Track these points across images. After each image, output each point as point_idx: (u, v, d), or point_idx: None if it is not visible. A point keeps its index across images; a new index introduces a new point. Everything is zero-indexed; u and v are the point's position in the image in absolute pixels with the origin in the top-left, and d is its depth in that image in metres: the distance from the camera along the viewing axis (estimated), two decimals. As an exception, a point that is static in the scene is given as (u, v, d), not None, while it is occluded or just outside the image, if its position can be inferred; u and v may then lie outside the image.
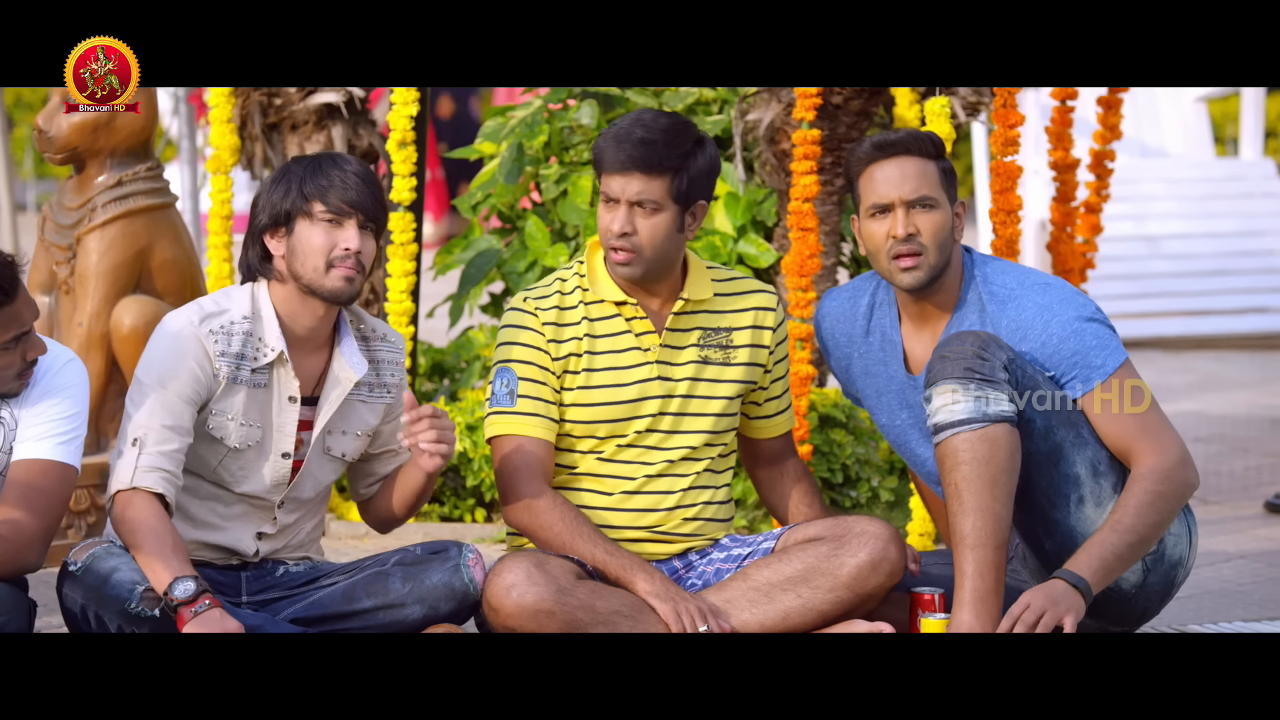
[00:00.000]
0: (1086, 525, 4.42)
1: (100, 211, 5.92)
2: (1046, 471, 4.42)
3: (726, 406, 4.61)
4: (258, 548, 4.52)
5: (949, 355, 4.34)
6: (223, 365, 4.38)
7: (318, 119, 6.60)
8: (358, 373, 4.49)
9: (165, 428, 4.33)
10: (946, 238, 4.51)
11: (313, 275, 4.39)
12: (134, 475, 4.29)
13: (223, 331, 4.40)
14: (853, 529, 4.49)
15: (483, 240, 6.79)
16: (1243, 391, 9.14)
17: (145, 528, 4.24)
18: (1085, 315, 4.45)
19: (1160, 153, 12.59)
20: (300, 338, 4.47)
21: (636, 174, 4.45)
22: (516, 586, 4.33)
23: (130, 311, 5.89)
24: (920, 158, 4.51)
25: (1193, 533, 4.54)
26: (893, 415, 4.66)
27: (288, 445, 4.46)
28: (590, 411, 4.55)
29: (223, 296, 4.47)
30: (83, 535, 5.80)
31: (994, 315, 4.49)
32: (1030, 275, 4.56)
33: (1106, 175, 6.37)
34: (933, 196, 4.50)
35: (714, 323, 4.61)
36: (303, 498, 4.55)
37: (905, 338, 4.62)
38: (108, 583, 4.30)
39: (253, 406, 4.43)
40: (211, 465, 4.44)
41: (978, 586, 4.27)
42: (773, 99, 6.36)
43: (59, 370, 4.39)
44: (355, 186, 4.39)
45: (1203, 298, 11.53)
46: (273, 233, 4.42)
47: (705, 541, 4.65)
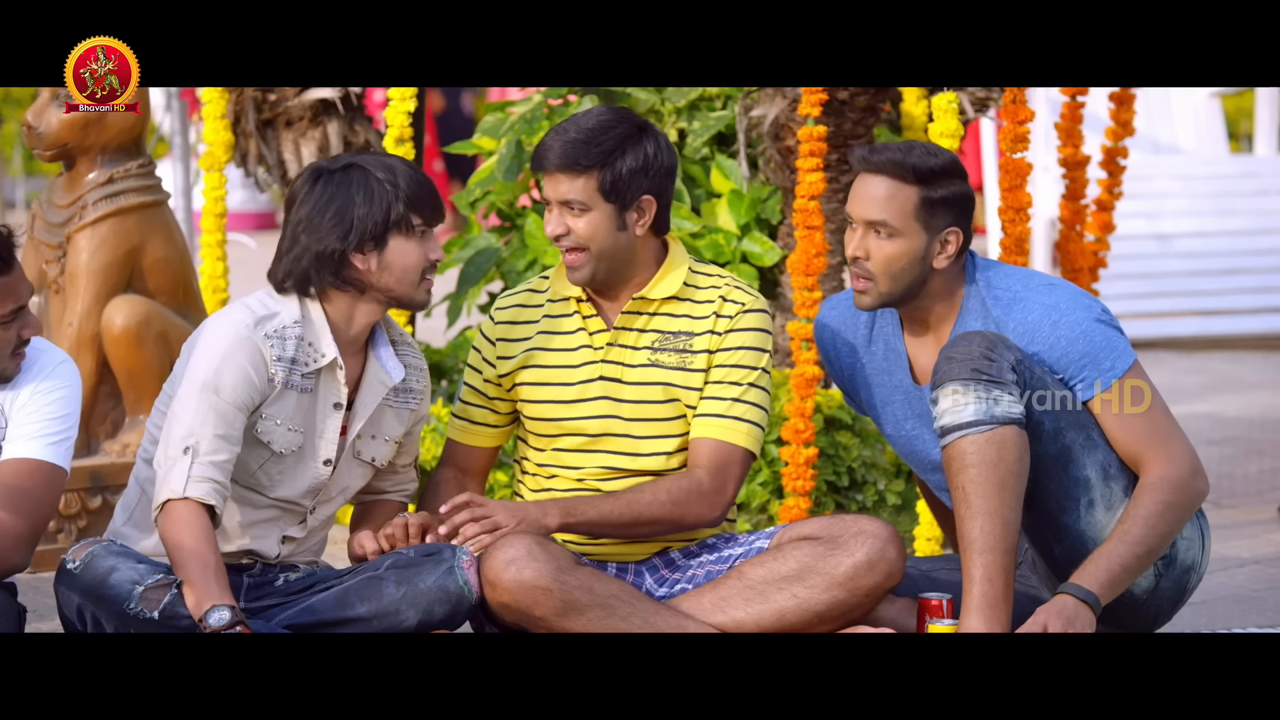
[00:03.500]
0: (1096, 529, 4.39)
1: (91, 209, 5.92)
2: (1056, 474, 4.38)
3: (682, 412, 4.54)
4: (280, 550, 4.52)
5: (955, 356, 4.30)
6: (278, 370, 4.37)
7: (313, 115, 6.65)
8: (395, 378, 4.51)
9: (218, 436, 4.31)
10: (904, 267, 4.43)
11: (407, 289, 4.41)
12: (186, 485, 4.27)
13: (277, 335, 4.38)
14: (850, 528, 4.46)
15: (481, 239, 6.79)
16: (1257, 393, 9.13)
17: (190, 545, 4.23)
18: (1093, 316, 4.41)
19: (1173, 149, 12.60)
20: (346, 343, 4.46)
21: (560, 174, 4.47)
22: (516, 561, 4.33)
23: (121, 311, 5.89)
24: (896, 181, 4.43)
25: (1205, 537, 4.50)
26: (899, 425, 4.62)
27: (330, 451, 4.46)
28: (540, 409, 4.58)
29: (269, 299, 4.43)
30: (73, 540, 5.80)
31: (999, 319, 4.45)
32: (1035, 277, 4.52)
33: (1118, 172, 6.35)
34: (892, 224, 4.42)
35: (673, 325, 4.55)
36: (332, 502, 4.56)
37: (909, 346, 4.57)
38: (106, 583, 4.28)
39: (299, 412, 4.42)
40: (251, 469, 4.43)
41: (986, 592, 4.25)
42: (777, 95, 6.35)
43: (52, 370, 4.37)
44: (434, 193, 4.41)
45: (1216, 297, 11.54)
46: (362, 249, 4.37)
47: (684, 540, 4.61)
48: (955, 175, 4.46)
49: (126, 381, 5.91)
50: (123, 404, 5.96)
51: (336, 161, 4.43)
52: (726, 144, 6.65)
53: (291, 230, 4.41)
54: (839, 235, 6.31)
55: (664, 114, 6.68)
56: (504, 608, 4.37)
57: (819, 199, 5.77)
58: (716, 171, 6.57)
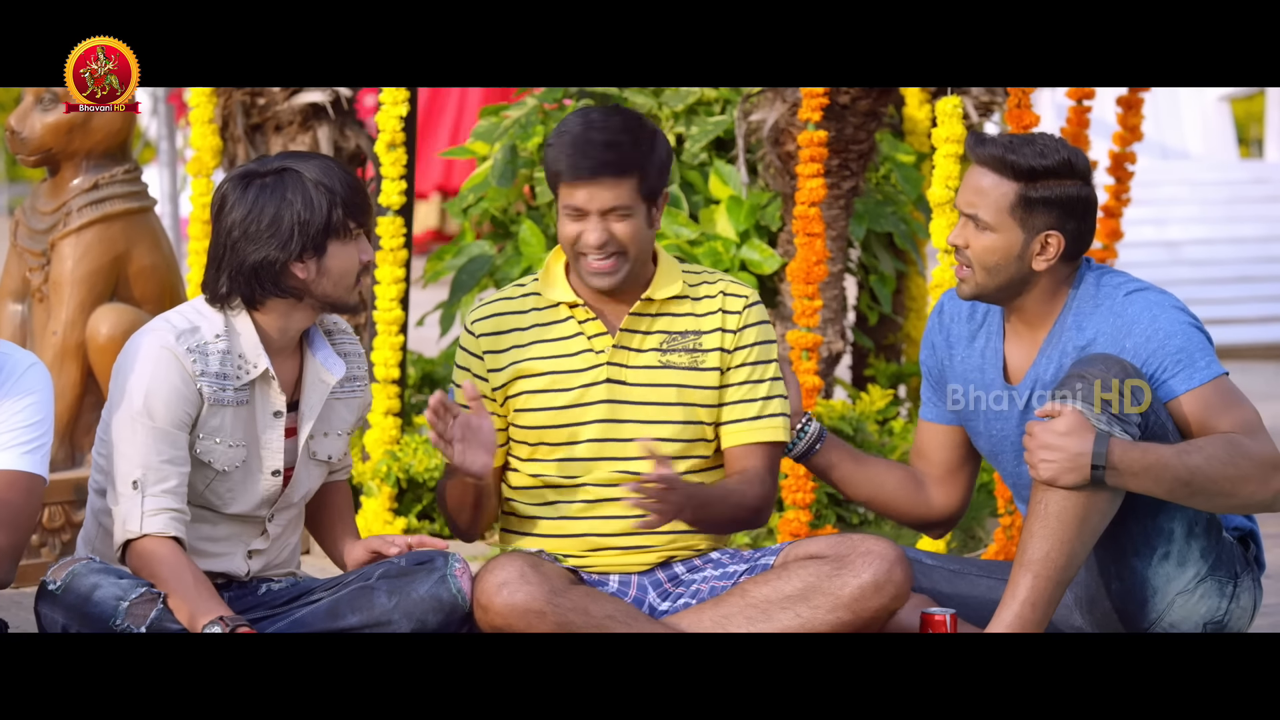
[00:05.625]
0: (1161, 581, 4.36)
1: (75, 216, 5.89)
2: (1142, 518, 4.33)
3: (694, 414, 4.49)
4: (249, 567, 4.47)
5: (1089, 376, 4.23)
6: (204, 385, 4.30)
7: (303, 120, 6.62)
8: (336, 374, 4.44)
9: (163, 463, 4.26)
10: (998, 263, 4.38)
11: (343, 293, 4.35)
12: (142, 522, 4.24)
13: (199, 350, 4.30)
14: (857, 548, 4.40)
15: (474, 246, 6.81)
16: (1268, 403, 9.07)
17: (164, 574, 4.22)
18: (1194, 322, 4.37)
19: (1182, 154, 12.65)
20: (277, 348, 4.40)
21: (601, 181, 4.36)
22: (508, 584, 4.29)
23: (107, 320, 5.85)
24: (995, 174, 4.38)
25: (1257, 606, 4.48)
26: (989, 424, 4.55)
27: (276, 462, 4.40)
28: (538, 416, 4.49)
29: (190, 311, 4.36)
30: (57, 554, 5.79)
31: (1094, 318, 4.40)
32: (1140, 281, 4.47)
33: (1126, 178, 6.35)
34: (984, 218, 4.38)
35: (680, 325, 4.51)
36: (292, 506, 4.51)
37: (1007, 343, 4.52)
38: (89, 600, 4.23)
39: (237, 426, 4.36)
40: (199, 490, 4.37)
41: (1024, 615, 4.20)
42: (777, 99, 6.35)
43: (21, 375, 4.30)
44: (365, 195, 4.36)
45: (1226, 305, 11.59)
46: (303, 258, 4.31)
47: (689, 551, 4.57)
48: (1065, 176, 4.38)
49: (112, 391, 5.86)
50: (107, 415, 5.90)
51: (267, 164, 4.36)
52: (725, 149, 6.68)
53: (225, 238, 4.32)
54: (839, 242, 6.41)
55: (662, 118, 6.73)
56: (497, 631, 4.32)
57: (819, 205, 5.77)
58: (715, 177, 6.59)
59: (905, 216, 7.01)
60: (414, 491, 6.28)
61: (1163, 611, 4.37)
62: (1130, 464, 4.18)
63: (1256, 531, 4.57)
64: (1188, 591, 4.37)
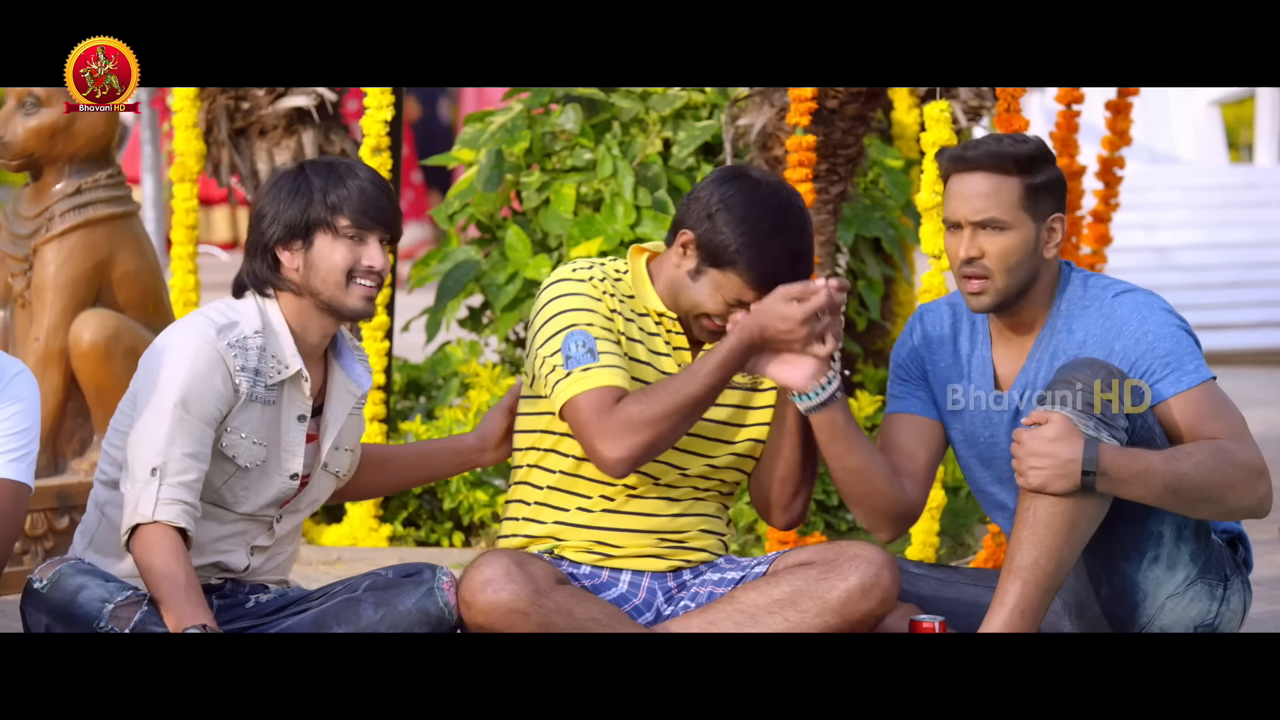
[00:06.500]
0: (1151, 585, 4.36)
1: (58, 221, 5.85)
2: (1131, 522, 4.32)
3: (752, 434, 4.52)
4: (250, 562, 4.48)
5: (1076, 381, 4.22)
6: (243, 380, 4.32)
7: (287, 124, 6.59)
8: (363, 386, 4.50)
9: (186, 455, 4.27)
10: (1019, 260, 4.38)
11: (334, 292, 4.35)
12: (155, 508, 4.24)
13: (239, 345, 4.33)
14: (845, 553, 4.42)
15: (460, 251, 6.79)
16: (1259, 409, 9.10)
17: (161, 567, 4.22)
18: (1182, 324, 4.38)
19: (1171, 159, 12.66)
20: (307, 352, 4.43)
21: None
22: (493, 583, 4.28)
23: (90, 326, 5.81)
24: (996, 175, 4.38)
25: (1247, 607, 4.48)
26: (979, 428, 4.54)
27: (296, 465, 4.42)
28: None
29: (227, 308, 4.40)
30: (39, 561, 5.69)
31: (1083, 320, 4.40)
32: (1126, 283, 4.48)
33: (1115, 183, 6.37)
34: (1001, 219, 4.37)
35: None
36: (299, 513, 4.53)
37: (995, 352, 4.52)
38: (74, 601, 4.25)
39: (262, 425, 4.38)
40: (215, 485, 4.38)
41: (1013, 623, 4.20)
42: (765, 103, 6.32)
43: (8, 382, 4.29)
44: (378, 199, 4.35)
45: (1217, 311, 11.58)
46: (287, 245, 4.36)
47: (703, 556, 4.58)
48: (1049, 159, 4.44)
49: (95, 398, 5.86)
50: (90, 421, 5.91)
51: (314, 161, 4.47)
52: (713, 154, 6.67)
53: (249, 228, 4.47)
54: (827, 248, 6.36)
55: (649, 123, 6.70)
56: (479, 629, 4.32)
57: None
58: (703, 182, 6.52)
59: (893, 222, 7.00)
60: (399, 499, 6.27)
61: (1153, 615, 4.37)
62: (1120, 469, 4.17)
63: (1244, 533, 4.57)
64: (1178, 595, 4.36)
